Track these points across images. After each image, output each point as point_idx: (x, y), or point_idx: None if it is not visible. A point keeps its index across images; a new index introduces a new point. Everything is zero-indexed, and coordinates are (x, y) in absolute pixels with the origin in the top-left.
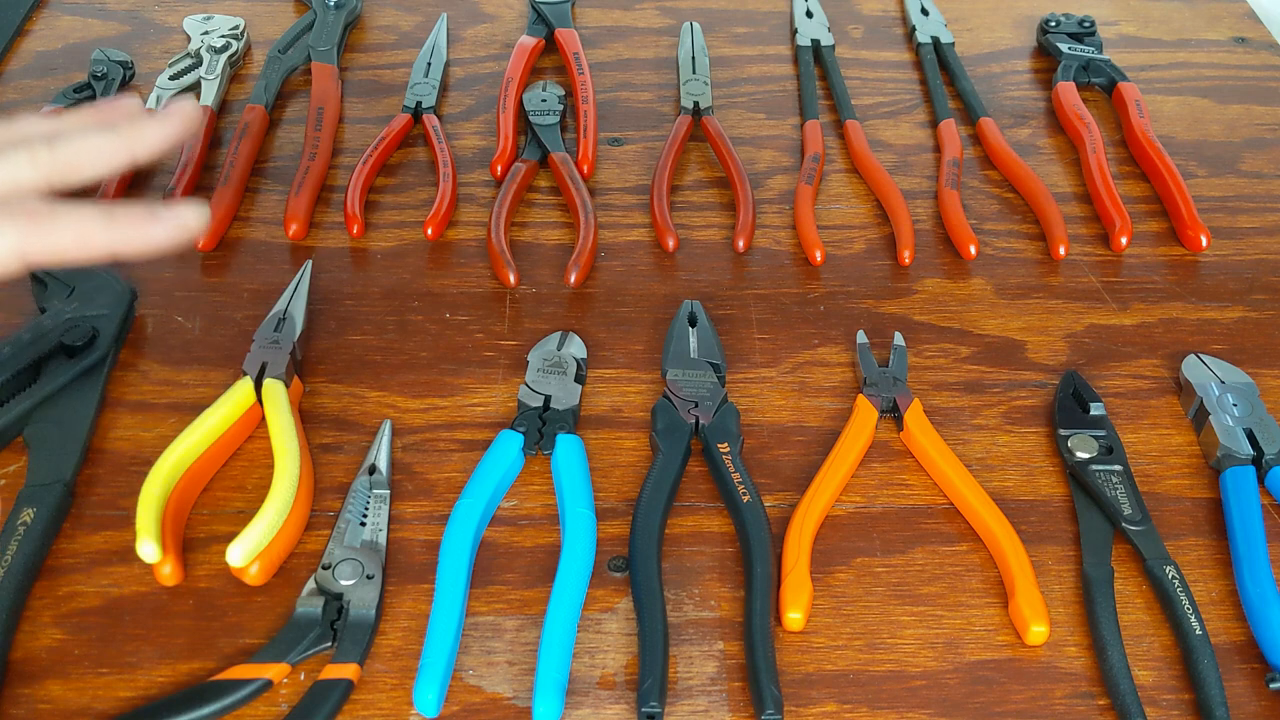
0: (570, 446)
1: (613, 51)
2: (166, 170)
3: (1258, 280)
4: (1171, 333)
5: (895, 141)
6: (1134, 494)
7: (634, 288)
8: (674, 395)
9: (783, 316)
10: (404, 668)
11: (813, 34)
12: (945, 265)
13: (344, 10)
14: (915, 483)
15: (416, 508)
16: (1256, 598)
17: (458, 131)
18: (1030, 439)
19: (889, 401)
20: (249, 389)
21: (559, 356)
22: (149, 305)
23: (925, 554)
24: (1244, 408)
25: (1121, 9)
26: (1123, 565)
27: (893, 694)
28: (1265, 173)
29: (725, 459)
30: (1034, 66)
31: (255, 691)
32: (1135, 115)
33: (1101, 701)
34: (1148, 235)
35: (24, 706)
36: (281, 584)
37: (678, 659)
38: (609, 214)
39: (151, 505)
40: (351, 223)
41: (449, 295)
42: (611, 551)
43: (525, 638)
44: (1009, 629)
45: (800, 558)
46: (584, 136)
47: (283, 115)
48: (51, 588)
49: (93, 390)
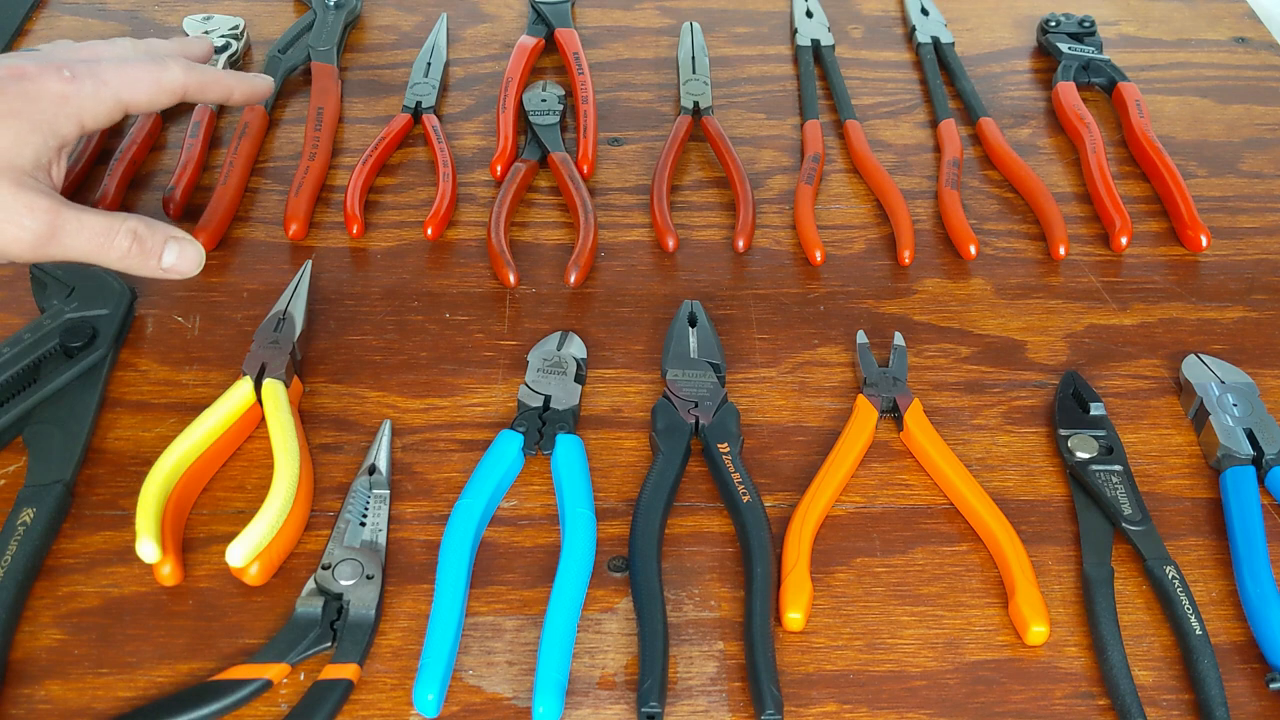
0: (570, 446)
1: (613, 51)
2: (166, 170)
3: (1258, 280)
4: (1171, 333)
5: (895, 141)
6: (1134, 494)
7: (634, 288)
8: (674, 395)
9: (783, 316)
10: (404, 668)
11: (813, 34)
12: (945, 265)
13: (344, 10)
14: (915, 483)
15: (416, 508)
16: (1256, 598)
17: (458, 131)
18: (1030, 439)
19: (889, 401)
20: (249, 389)
21: (559, 356)
22: (149, 305)
23: (925, 554)
24: (1244, 408)
25: (1121, 9)
26: (1123, 565)
27: (893, 694)
28: (1265, 173)
29: (725, 459)
30: (1034, 66)
31: (255, 691)
32: (1135, 115)
33: (1101, 701)
34: (1148, 235)
35: (24, 706)
36: (281, 584)
37: (678, 659)
38: (609, 214)
39: (151, 505)
40: (351, 223)
41: (449, 295)
42: (611, 551)
43: (525, 638)
44: (1009, 629)
45: (800, 558)
46: (584, 136)
47: (283, 115)
48: (51, 588)
49: (92, 390)
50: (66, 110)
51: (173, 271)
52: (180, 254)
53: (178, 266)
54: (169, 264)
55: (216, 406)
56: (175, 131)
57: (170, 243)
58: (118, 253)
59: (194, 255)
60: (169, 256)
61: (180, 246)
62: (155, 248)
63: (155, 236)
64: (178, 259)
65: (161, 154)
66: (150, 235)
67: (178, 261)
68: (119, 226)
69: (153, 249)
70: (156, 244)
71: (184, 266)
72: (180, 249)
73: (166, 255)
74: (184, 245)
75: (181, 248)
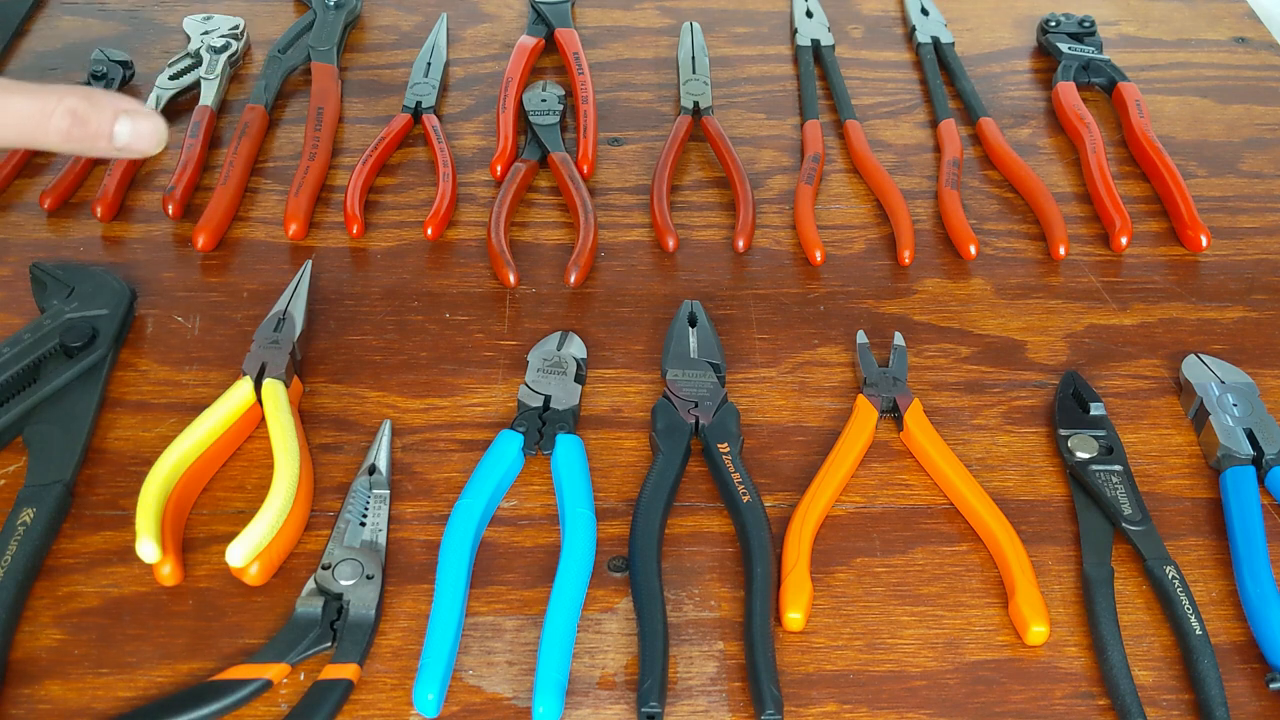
0: (570, 446)
1: (613, 51)
2: (166, 170)
3: (1258, 280)
4: (1171, 333)
5: (895, 141)
6: (1134, 494)
7: (634, 288)
8: (674, 395)
9: (783, 316)
10: (404, 668)
11: (813, 34)
12: (945, 265)
13: (344, 10)
14: (915, 483)
15: (416, 508)
16: (1256, 598)
17: (458, 131)
18: (1030, 439)
19: (889, 401)
20: (249, 389)
21: (559, 356)
22: (149, 305)
23: (925, 554)
24: (1244, 408)
25: (1121, 9)
26: (1123, 565)
27: (893, 694)
28: (1265, 173)
29: (725, 459)
30: (1034, 66)
31: (255, 691)
32: (1135, 115)
33: (1101, 701)
34: (1148, 235)
35: (24, 706)
36: (281, 584)
37: (678, 659)
38: (609, 214)
39: (151, 505)
40: (351, 223)
41: (449, 295)
42: (611, 551)
43: (525, 638)
44: (1009, 629)
45: (800, 558)
46: (584, 136)
47: (283, 115)
48: (51, 588)
49: (92, 390)
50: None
51: (128, 150)
52: (134, 129)
53: (133, 144)
54: (123, 143)
55: (216, 406)
56: (175, 131)
57: (122, 117)
58: (57, 135)
59: (149, 128)
60: (122, 132)
61: (134, 121)
62: (103, 125)
63: (100, 113)
64: (131, 135)
65: (161, 154)
66: (94, 111)
67: (132, 138)
68: (54, 106)
69: (99, 127)
70: (104, 121)
71: (141, 144)
72: (134, 123)
73: (119, 131)
74: (138, 119)
75: (135, 122)
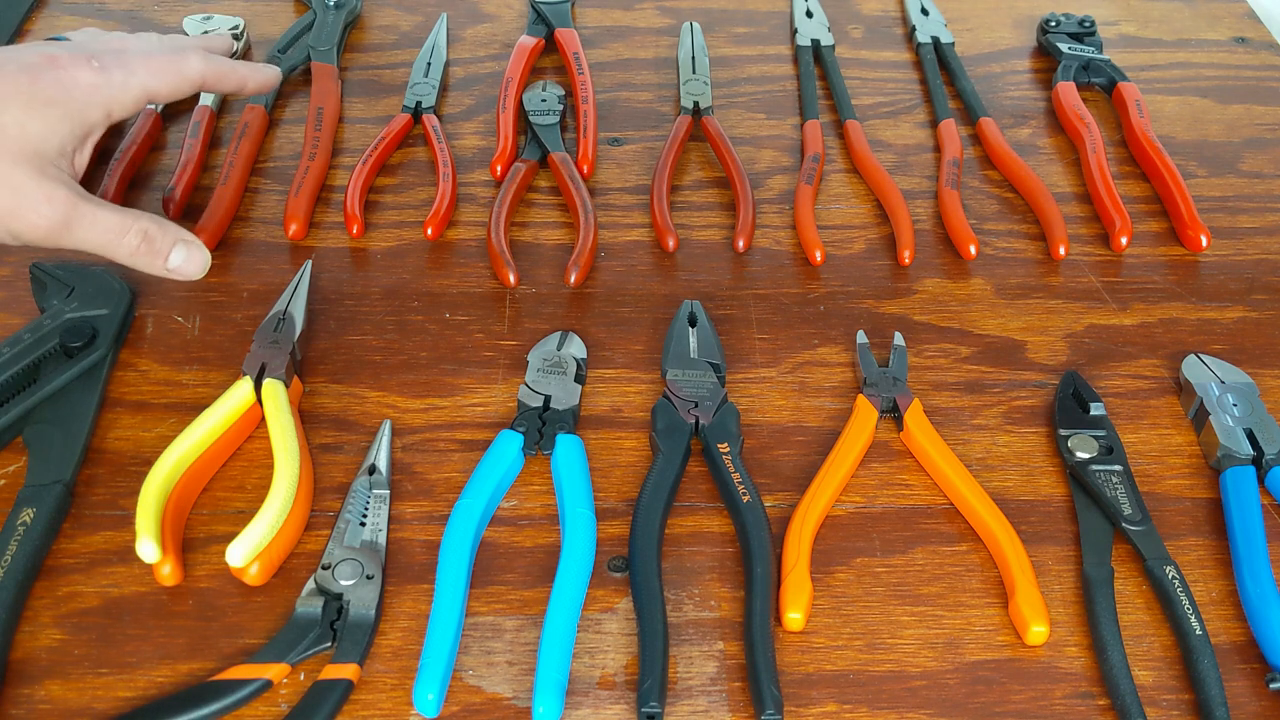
0: (570, 446)
1: (613, 51)
2: (166, 170)
3: (1258, 280)
4: (1171, 333)
5: (895, 141)
6: (1134, 494)
7: (634, 288)
8: (674, 395)
9: (783, 316)
10: (404, 668)
11: (813, 34)
12: (945, 265)
13: (344, 10)
14: (915, 483)
15: (416, 508)
16: (1256, 598)
17: (457, 131)
18: (1030, 439)
19: (889, 401)
20: (249, 389)
21: (559, 356)
22: (148, 305)
23: (925, 554)
24: (1244, 408)
25: (1121, 9)
26: (1123, 565)
27: (893, 694)
28: (1265, 173)
29: (725, 459)
30: (1034, 66)
31: (255, 692)
32: (1135, 115)
33: (1101, 701)
34: (1148, 235)
35: (24, 706)
36: (281, 584)
37: (678, 659)
38: (609, 214)
39: (151, 505)
40: (351, 223)
41: (449, 295)
42: (611, 551)
43: (525, 638)
44: (1009, 629)
45: (800, 558)
46: (584, 136)
47: (283, 115)
48: (51, 588)
49: (92, 390)
50: (95, 100)
51: (177, 273)
52: (187, 257)
53: (183, 269)
54: (175, 265)
55: (216, 406)
56: (175, 131)
57: (179, 245)
58: (127, 250)
59: (200, 259)
60: (176, 258)
61: (188, 249)
62: (164, 248)
63: (165, 238)
64: (184, 261)
65: (161, 154)
66: (160, 236)
67: (184, 264)
68: (131, 225)
69: (161, 249)
70: (165, 245)
71: (189, 269)
72: (188, 252)
73: (174, 257)
74: (191, 249)
75: (189, 251)
